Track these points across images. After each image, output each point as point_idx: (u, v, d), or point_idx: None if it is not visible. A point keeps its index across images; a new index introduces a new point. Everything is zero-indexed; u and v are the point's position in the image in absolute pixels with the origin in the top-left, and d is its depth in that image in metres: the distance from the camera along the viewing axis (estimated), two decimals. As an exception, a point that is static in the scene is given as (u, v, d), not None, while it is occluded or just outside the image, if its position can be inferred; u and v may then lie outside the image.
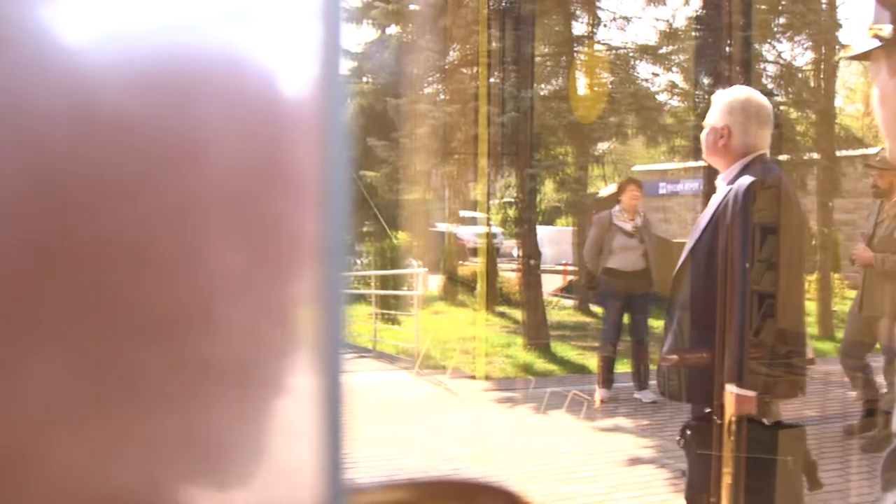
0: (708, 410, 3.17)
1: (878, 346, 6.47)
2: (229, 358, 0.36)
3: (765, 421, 3.07)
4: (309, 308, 0.41)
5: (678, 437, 3.26)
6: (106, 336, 0.31)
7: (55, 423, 0.30)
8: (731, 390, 3.01)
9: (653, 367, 6.73)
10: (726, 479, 3.04)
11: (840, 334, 11.73)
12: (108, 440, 0.31)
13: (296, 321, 0.41)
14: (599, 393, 7.99)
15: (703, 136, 3.35)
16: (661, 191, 22.07)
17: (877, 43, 1.27)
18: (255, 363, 0.38)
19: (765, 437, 3.04)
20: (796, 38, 13.78)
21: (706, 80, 13.08)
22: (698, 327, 3.21)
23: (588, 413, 7.45)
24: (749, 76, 12.42)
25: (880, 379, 6.41)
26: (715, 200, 3.25)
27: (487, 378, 9.56)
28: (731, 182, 3.18)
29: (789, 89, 13.73)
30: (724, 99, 3.27)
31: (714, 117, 3.27)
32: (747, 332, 3.09)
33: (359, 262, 18.07)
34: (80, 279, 0.30)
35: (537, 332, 11.48)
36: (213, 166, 0.35)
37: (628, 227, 7.79)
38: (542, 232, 19.79)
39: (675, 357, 3.32)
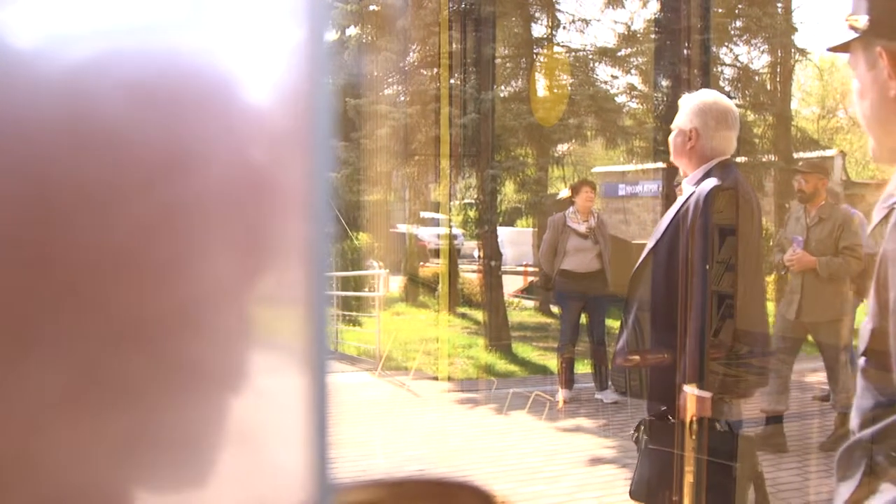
0: (664, 409, 3.20)
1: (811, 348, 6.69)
2: (217, 359, 0.36)
3: (717, 425, 3.10)
4: (295, 311, 0.42)
5: (633, 433, 3.30)
6: (97, 337, 0.31)
7: (45, 420, 0.30)
8: (687, 390, 3.04)
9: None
10: (682, 477, 3.08)
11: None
12: (95, 437, 0.32)
13: (282, 324, 0.41)
14: (561, 393, 8.02)
15: (670, 138, 3.37)
16: (621, 192, 22.21)
17: (854, 34, 1.28)
18: (241, 364, 0.38)
19: (716, 440, 3.08)
20: (753, 42, 13.94)
21: (665, 83, 13.20)
22: (656, 327, 3.24)
23: (550, 413, 7.49)
24: (707, 79, 12.56)
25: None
26: (678, 203, 3.28)
27: (449, 379, 9.57)
28: (696, 185, 3.21)
29: (746, 92, 13.91)
30: (692, 102, 3.30)
31: (682, 120, 3.30)
32: (706, 333, 3.13)
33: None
34: (73, 283, 0.30)
35: (499, 334, 11.51)
36: (201, 177, 0.35)
37: (582, 228, 7.84)
38: (503, 233, 19.86)
39: (633, 357, 3.36)
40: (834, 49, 1.37)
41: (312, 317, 0.42)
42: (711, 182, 3.13)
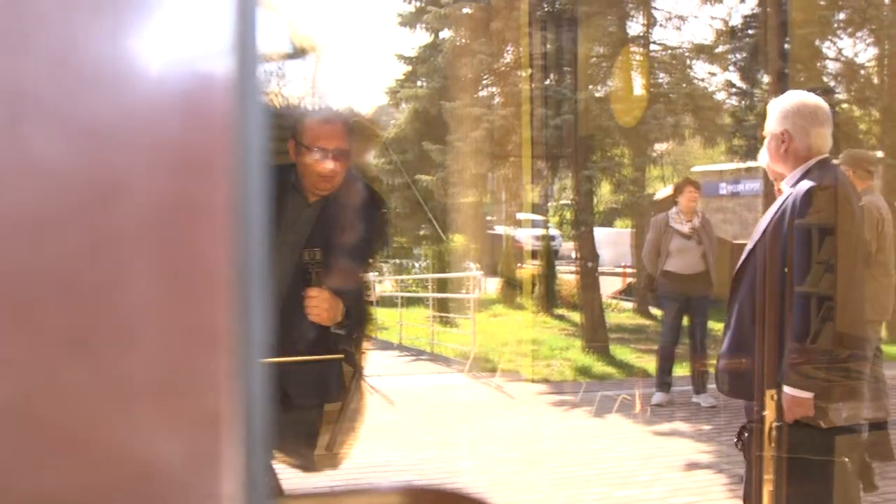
0: (765, 413, 3.14)
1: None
2: (147, 376, 0.37)
3: (821, 424, 3.03)
4: (226, 330, 0.42)
5: (735, 440, 3.25)
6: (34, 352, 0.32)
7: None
8: (787, 392, 2.99)
9: (711, 370, 6.65)
10: (779, 482, 3.02)
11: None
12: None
13: (213, 343, 0.42)
14: (657, 396, 7.91)
15: (764, 145, 3.34)
16: (722, 191, 21.79)
17: None
18: (172, 382, 0.38)
19: (820, 440, 3.01)
20: (858, 34, 13.50)
21: (765, 79, 12.90)
22: (757, 329, 3.20)
23: (645, 417, 7.39)
24: (809, 74, 12.22)
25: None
26: (777, 203, 3.24)
27: (545, 381, 9.53)
28: (793, 187, 3.16)
29: (851, 87, 13.48)
30: (780, 105, 3.27)
31: (772, 124, 3.28)
32: (805, 335, 3.06)
33: (416, 265, 18.15)
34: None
35: (595, 335, 11.42)
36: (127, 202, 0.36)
37: (685, 228, 7.69)
38: (601, 234, 19.71)
39: (735, 359, 3.31)
40: None
41: (246, 333, 0.42)
42: (808, 182, 3.07)
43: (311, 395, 3.28)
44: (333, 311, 2.94)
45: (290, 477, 3.52)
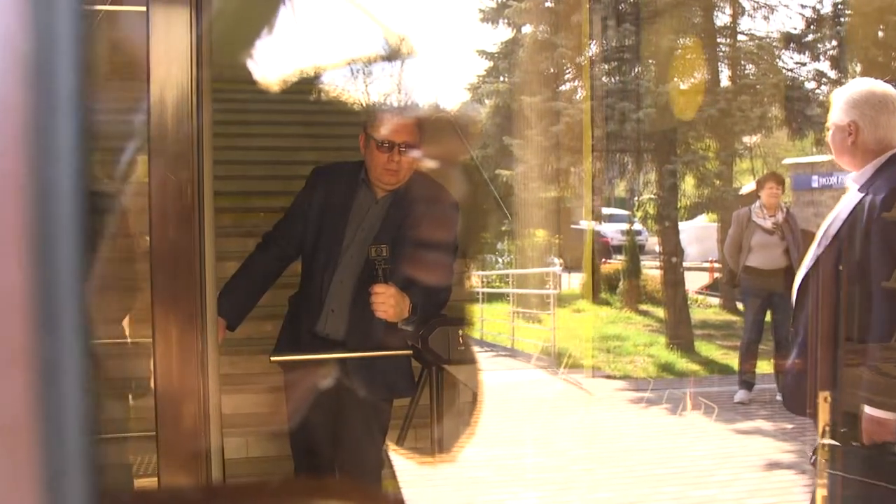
0: (843, 430, 2.96)
1: None
2: None
3: None
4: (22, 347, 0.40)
5: (811, 455, 3.04)
6: None
7: None
8: (868, 412, 2.78)
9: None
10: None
11: None
12: None
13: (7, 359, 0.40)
14: (739, 394, 7.77)
15: (828, 137, 3.15)
16: (814, 184, 21.21)
17: None
18: None
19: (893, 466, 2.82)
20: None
21: (857, 68, 12.53)
22: (830, 342, 3.02)
23: (727, 415, 7.26)
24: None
25: None
26: (847, 205, 3.03)
27: (626, 377, 9.44)
28: (866, 185, 2.97)
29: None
30: (846, 94, 3.05)
31: (837, 115, 3.04)
32: (880, 347, 2.90)
33: (499, 260, 18.13)
34: None
35: (680, 331, 11.27)
36: None
37: (767, 224, 7.53)
38: (687, 228, 19.38)
39: (804, 374, 3.16)
40: None
41: (48, 351, 0.41)
42: (886, 184, 2.85)
43: (379, 390, 3.32)
44: (400, 308, 2.96)
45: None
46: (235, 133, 7.37)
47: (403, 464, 3.71)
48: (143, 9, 1.97)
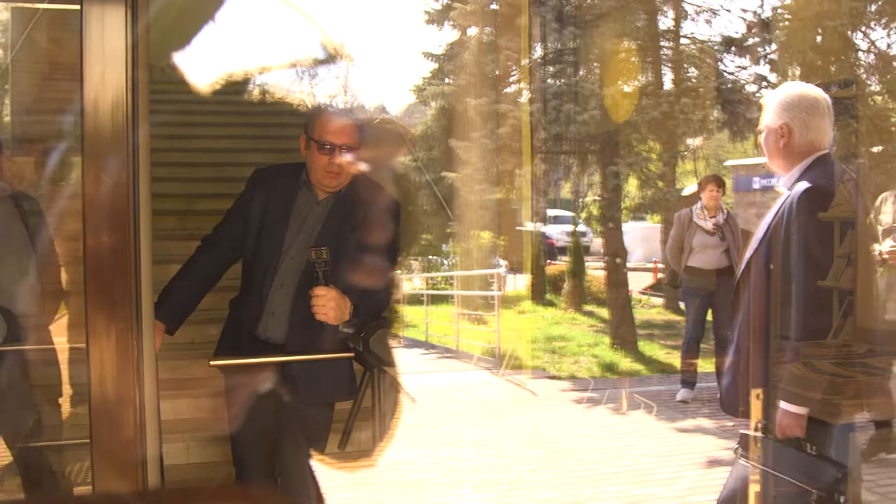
0: (763, 423, 3.06)
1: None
2: None
3: (811, 449, 2.90)
4: None
5: (735, 447, 3.13)
6: None
7: None
8: (782, 406, 2.89)
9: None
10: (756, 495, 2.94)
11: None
12: None
13: None
14: (681, 392, 7.87)
15: (761, 140, 3.20)
16: (755, 185, 21.55)
17: None
18: None
19: (802, 463, 2.89)
20: (891, 25, 13.28)
21: (796, 72, 12.75)
22: (758, 339, 3.11)
23: (669, 414, 7.34)
24: (840, 66, 12.07)
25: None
26: (774, 207, 3.12)
27: (570, 378, 9.50)
28: (792, 187, 3.04)
29: (885, 79, 13.27)
30: (778, 97, 3.11)
31: (770, 118, 3.11)
32: (827, 331, 2.99)
33: (444, 262, 18.15)
34: None
35: (624, 332, 11.37)
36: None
37: (708, 225, 7.64)
38: (633, 229, 19.58)
39: (739, 376, 3.23)
40: None
41: None
42: (804, 183, 2.94)
43: (320, 393, 3.30)
44: (340, 310, 2.94)
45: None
46: (178, 135, 7.29)
47: (346, 468, 3.68)
48: (77, 7, 1.94)
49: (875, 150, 11.42)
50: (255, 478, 3.39)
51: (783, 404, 2.89)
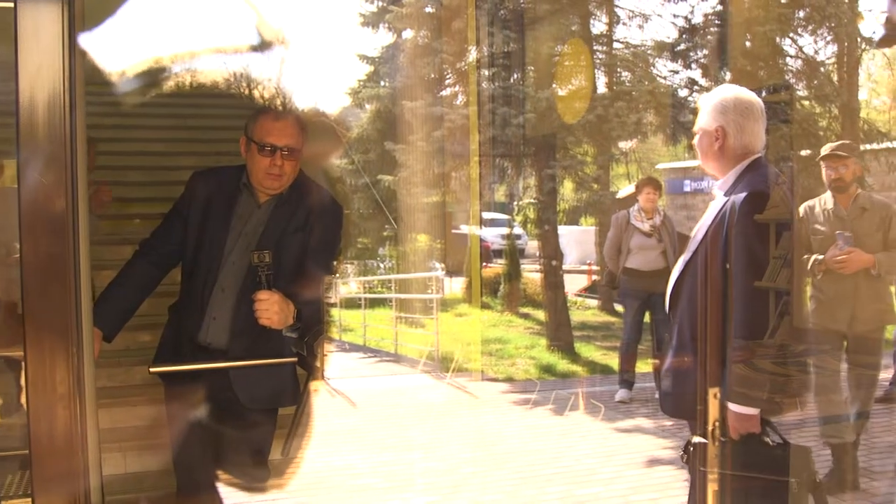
0: (711, 427, 3.08)
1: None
2: None
3: (769, 441, 2.96)
4: None
5: (682, 453, 3.15)
6: None
7: None
8: (732, 409, 2.92)
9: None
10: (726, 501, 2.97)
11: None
12: None
13: None
14: (619, 393, 7.94)
15: (695, 141, 3.23)
16: (686, 188, 21.91)
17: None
18: None
19: (766, 456, 2.94)
20: (818, 32, 13.60)
21: (727, 76, 12.97)
22: (696, 341, 3.13)
23: (609, 414, 7.40)
24: (769, 71, 12.31)
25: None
26: (712, 210, 3.14)
27: (509, 380, 9.52)
28: (730, 191, 3.06)
29: (812, 84, 13.57)
30: (713, 100, 3.15)
31: (705, 120, 3.15)
32: (764, 331, 3.02)
33: (381, 266, 18.09)
34: None
35: (560, 333, 11.44)
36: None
37: (645, 227, 7.72)
38: (568, 232, 19.73)
39: (678, 377, 3.25)
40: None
41: None
42: (745, 188, 2.98)
43: (264, 399, 3.24)
44: (284, 314, 2.89)
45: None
46: (110, 137, 7.13)
47: (290, 473, 3.63)
48: (11, 4, 1.87)
49: (803, 153, 11.66)
50: (197, 487, 3.32)
51: (734, 407, 2.90)
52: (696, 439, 3.11)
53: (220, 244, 3.17)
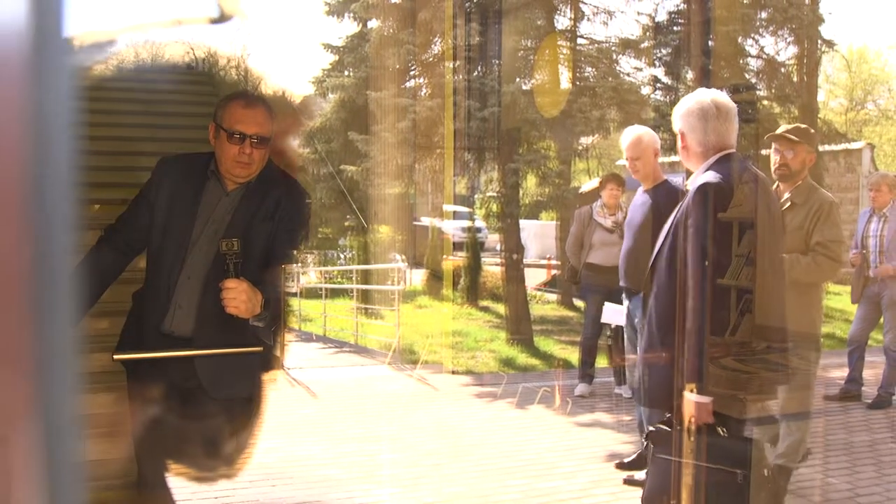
0: (668, 416, 3.17)
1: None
2: None
3: (721, 431, 3.03)
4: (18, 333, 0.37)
5: (643, 440, 3.23)
6: None
7: None
8: (687, 396, 3.01)
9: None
10: (683, 487, 3.03)
11: (825, 329, 11.77)
12: None
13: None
14: (579, 388, 7.98)
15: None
16: (645, 185, 22.03)
17: None
18: None
19: (718, 446, 3.01)
20: (779, 33, 13.77)
21: (689, 75, 13.08)
22: (662, 330, 3.21)
23: (568, 408, 7.43)
24: (731, 70, 12.43)
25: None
26: (681, 204, 3.27)
27: (469, 373, 9.53)
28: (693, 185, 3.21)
29: (772, 84, 13.74)
30: (678, 107, 3.37)
31: (674, 125, 3.37)
32: (725, 328, 3.07)
33: (342, 256, 18.02)
34: None
35: (520, 327, 11.47)
36: None
37: (608, 223, 7.76)
38: (528, 226, 19.80)
39: (648, 366, 3.32)
40: None
41: (44, 329, 0.37)
42: (701, 178, 3.14)
43: (229, 388, 3.21)
44: (252, 303, 2.86)
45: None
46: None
47: (250, 463, 3.59)
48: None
49: (764, 152, 11.78)
50: (159, 476, 3.28)
51: (688, 395, 2.98)
52: (654, 427, 3.24)
53: (186, 231, 3.13)
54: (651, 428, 3.32)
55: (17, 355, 0.36)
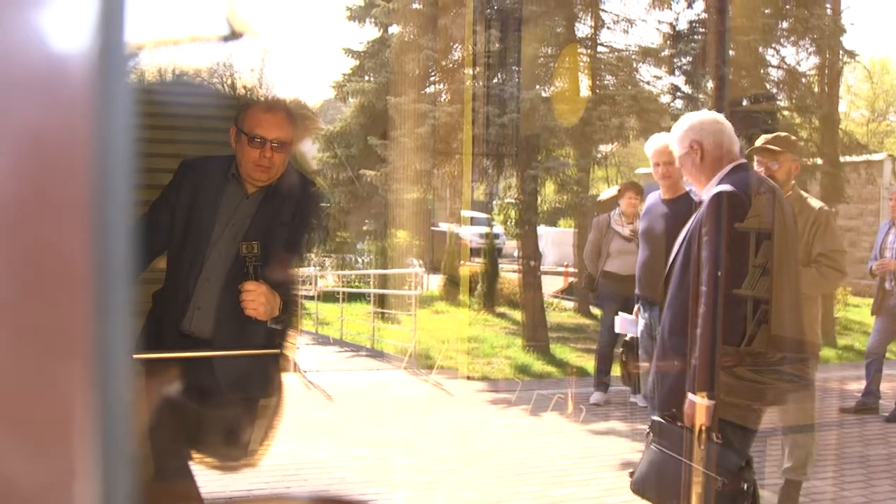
0: (672, 411, 3.20)
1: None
2: None
3: (715, 437, 3.05)
4: (81, 334, 0.39)
5: (647, 432, 3.31)
6: None
7: None
8: (691, 398, 3.05)
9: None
10: (668, 481, 3.09)
11: (843, 341, 11.71)
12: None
13: (68, 342, 0.39)
14: (595, 396, 7.97)
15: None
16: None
17: None
18: (22, 389, 0.36)
19: (711, 450, 3.04)
20: (800, 43, 13.70)
21: (709, 84, 13.04)
22: (675, 339, 3.24)
23: (584, 416, 7.43)
24: (752, 80, 12.40)
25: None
26: (696, 214, 3.29)
27: (485, 379, 9.54)
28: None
29: (793, 94, 13.68)
30: (682, 125, 3.36)
31: (680, 145, 3.34)
32: (741, 338, 3.08)
33: (360, 260, 18.06)
34: None
35: (536, 334, 11.46)
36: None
37: (626, 231, 7.76)
38: (546, 233, 19.77)
39: (661, 373, 3.35)
40: None
41: (107, 331, 0.39)
42: (717, 188, 3.13)
43: (247, 389, 3.24)
44: (271, 306, 2.90)
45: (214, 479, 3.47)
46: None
47: (265, 464, 3.62)
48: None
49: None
50: (174, 475, 3.31)
51: (692, 395, 3.04)
52: (656, 418, 3.31)
53: (206, 234, 3.16)
54: (655, 418, 3.35)
55: (81, 349, 0.38)
